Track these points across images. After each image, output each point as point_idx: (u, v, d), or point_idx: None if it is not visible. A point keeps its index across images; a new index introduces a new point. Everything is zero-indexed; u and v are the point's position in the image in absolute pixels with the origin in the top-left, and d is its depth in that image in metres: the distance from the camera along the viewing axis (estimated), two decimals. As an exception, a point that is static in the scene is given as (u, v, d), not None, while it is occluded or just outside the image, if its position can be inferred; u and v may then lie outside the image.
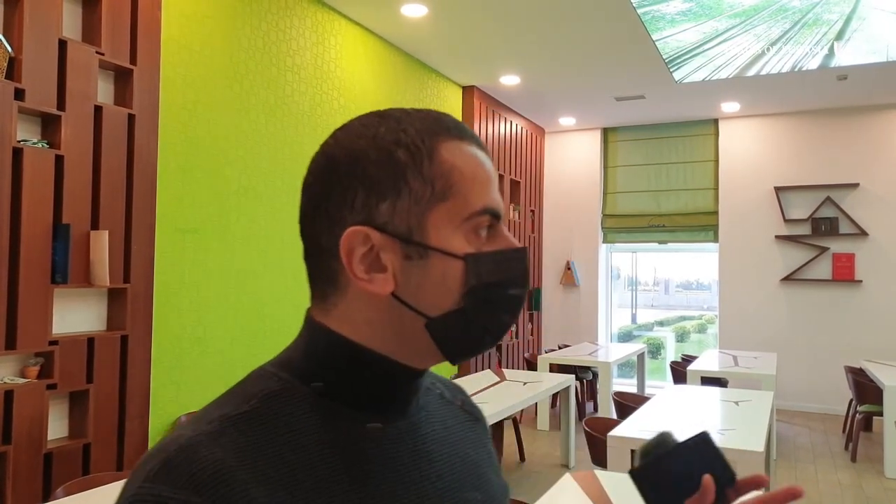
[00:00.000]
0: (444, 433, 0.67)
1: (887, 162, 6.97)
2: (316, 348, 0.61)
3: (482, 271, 0.59)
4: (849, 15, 4.74)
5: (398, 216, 0.58)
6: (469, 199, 0.60)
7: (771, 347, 7.27)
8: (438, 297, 0.58)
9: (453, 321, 0.59)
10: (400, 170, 0.59)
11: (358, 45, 5.04)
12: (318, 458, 0.56)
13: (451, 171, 0.60)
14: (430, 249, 0.58)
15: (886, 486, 4.59)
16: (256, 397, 0.57)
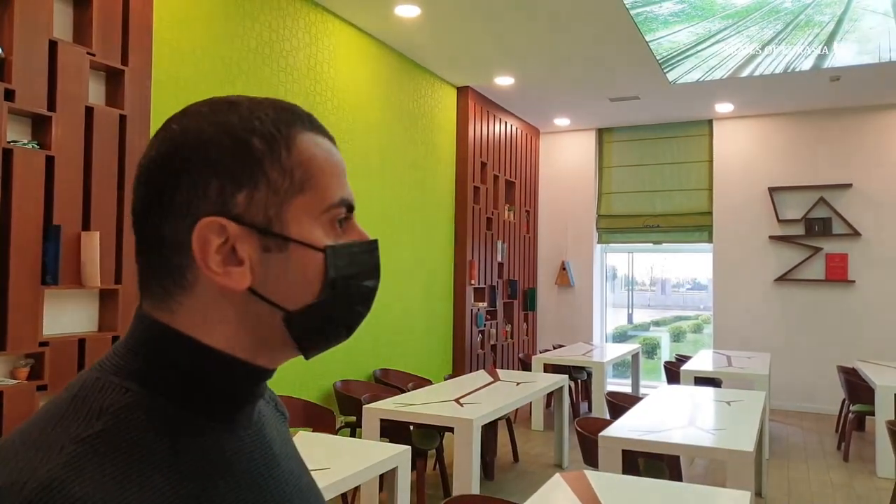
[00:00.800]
0: (276, 434, 0.66)
1: (880, 162, 7.00)
2: (164, 354, 0.56)
3: (341, 263, 0.58)
4: (840, 16, 4.76)
5: (255, 207, 0.56)
6: (327, 190, 0.59)
7: (765, 347, 7.29)
8: (298, 290, 0.57)
9: (312, 314, 0.58)
10: (257, 159, 0.56)
11: (352, 45, 5.04)
12: (183, 479, 0.52)
13: (310, 162, 0.58)
14: (291, 241, 0.56)
15: (878, 486, 4.61)
16: (108, 413, 0.51)
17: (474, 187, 6.73)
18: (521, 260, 7.90)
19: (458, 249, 6.56)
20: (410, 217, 5.83)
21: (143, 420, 0.52)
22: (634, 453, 3.24)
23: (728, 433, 3.31)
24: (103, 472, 0.48)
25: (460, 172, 6.60)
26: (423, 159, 6.04)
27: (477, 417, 3.52)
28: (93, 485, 0.46)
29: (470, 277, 6.58)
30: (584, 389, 6.96)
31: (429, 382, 4.87)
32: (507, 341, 7.44)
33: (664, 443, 3.10)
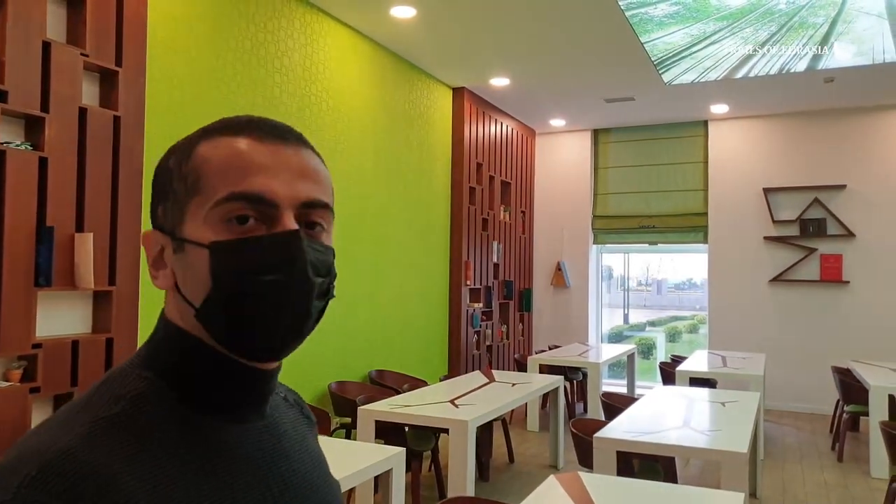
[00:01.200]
0: (294, 432, 0.71)
1: (874, 163, 7.02)
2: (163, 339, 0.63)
3: (230, 259, 0.58)
4: (834, 18, 4.78)
5: (168, 216, 0.62)
6: (216, 187, 0.59)
7: (760, 348, 7.31)
8: (196, 286, 0.60)
9: (211, 310, 0.59)
10: (168, 176, 0.63)
11: (347, 46, 5.03)
12: (187, 460, 0.58)
13: (202, 164, 0.61)
14: (185, 242, 0.60)
15: (872, 486, 4.62)
16: (125, 399, 0.58)
17: (470, 188, 6.73)
18: (517, 260, 7.91)
19: (454, 250, 6.56)
20: (406, 218, 5.83)
21: (153, 406, 0.59)
22: (629, 454, 3.24)
23: (722, 434, 3.32)
24: (114, 446, 0.55)
25: (456, 173, 6.60)
26: (418, 160, 6.04)
27: (472, 419, 3.52)
28: (103, 455, 0.53)
29: (465, 278, 6.58)
30: (579, 390, 6.96)
31: (424, 383, 4.87)
32: (502, 342, 7.44)
33: (658, 444, 3.11)
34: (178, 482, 0.56)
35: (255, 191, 0.59)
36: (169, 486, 0.55)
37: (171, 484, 0.56)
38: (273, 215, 0.60)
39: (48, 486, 0.50)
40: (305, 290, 0.60)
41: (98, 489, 0.51)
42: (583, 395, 7.07)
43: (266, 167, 0.60)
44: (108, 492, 0.51)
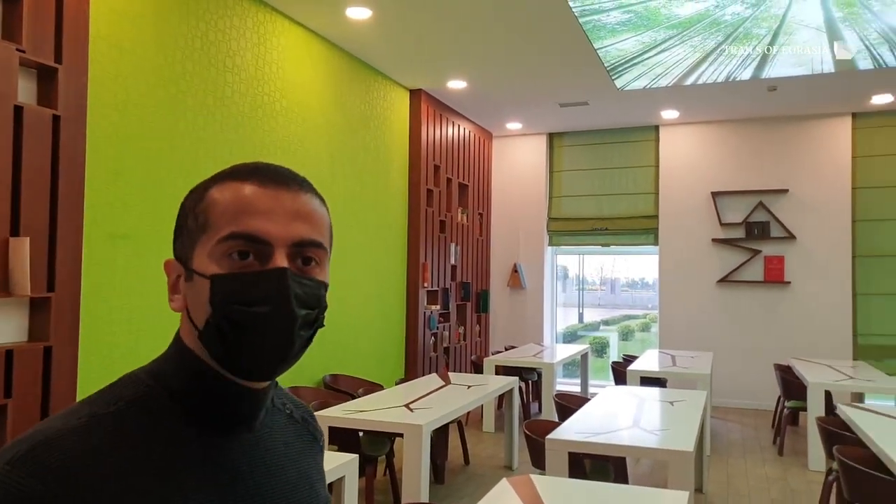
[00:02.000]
0: (285, 449, 0.77)
1: (814, 169, 7.30)
2: (172, 355, 0.73)
3: (226, 290, 0.67)
4: (776, 30, 4.95)
5: (181, 248, 0.73)
6: (219, 227, 0.69)
7: (708, 346, 7.51)
8: (199, 312, 0.69)
9: (210, 334, 0.68)
10: (184, 214, 0.73)
11: (301, 46, 4.98)
12: (165, 462, 0.65)
13: (211, 206, 0.70)
14: (193, 272, 0.70)
15: (809, 479, 4.81)
16: (124, 400, 0.67)
17: (427, 190, 6.74)
18: (474, 262, 7.95)
19: (411, 252, 6.56)
20: (362, 220, 5.80)
21: (146, 412, 0.67)
22: (581, 455, 3.29)
23: (670, 433, 3.40)
24: (100, 438, 0.63)
25: (413, 175, 6.60)
26: (375, 162, 6.01)
27: (426, 423, 3.52)
28: (86, 446, 0.61)
29: (423, 280, 6.58)
30: (534, 390, 7.04)
31: (380, 387, 4.85)
32: (459, 343, 7.47)
33: (608, 444, 3.17)
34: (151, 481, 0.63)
35: (252, 231, 0.68)
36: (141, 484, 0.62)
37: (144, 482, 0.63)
38: (267, 253, 0.68)
39: (28, 467, 0.59)
40: (289, 322, 0.67)
41: (71, 476, 0.59)
42: (538, 396, 7.15)
43: (265, 210, 0.69)
44: (79, 479, 0.59)
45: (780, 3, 4.52)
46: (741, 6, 4.57)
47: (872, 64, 5.63)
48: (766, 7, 4.58)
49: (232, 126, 4.29)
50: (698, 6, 4.59)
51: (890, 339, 7.04)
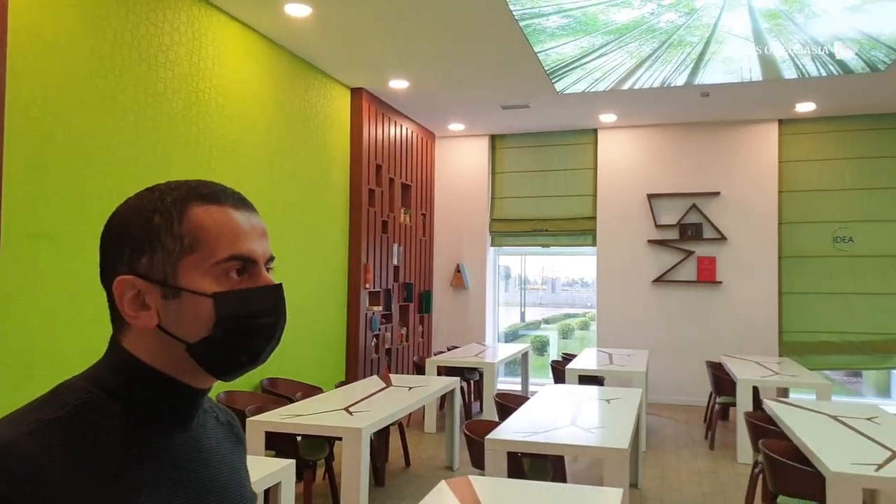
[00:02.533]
0: (217, 447, 0.84)
1: (743, 173, 7.61)
2: (118, 366, 0.75)
3: (231, 306, 0.74)
4: (708, 38, 5.13)
5: (155, 266, 0.74)
6: (215, 249, 0.75)
7: (644, 345, 7.72)
8: (193, 327, 0.74)
9: (209, 346, 0.74)
10: (155, 231, 0.75)
11: (238, 42, 4.86)
12: (114, 462, 0.69)
13: (198, 229, 0.75)
14: (183, 291, 0.74)
15: (738, 471, 5.01)
16: (70, 405, 0.70)
17: (369, 190, 6.69)
18: (417, 263, 7.94)
19: (353, 253, 6.50)
20: (302, 220, 5.71)
21: (95, 415, 0.70)
22: (520, 454, 3.33)
23: (606, 431, 3.48)
24: (52, 444, 0.66)
25: (354, 175, 6.54)
26: (315, 161, 5.92)
27: (366, 426, 3.50)
28: (40, 451, 0.65)
29: (365, 281, 6.53)
30: (476, 390, 7.08)
31: (319, 391, 4.79)
32: (402, 344, 7.45)
33: (546, 443, 3.22)
34: (103, 481, 0.67)
35: (247, 253, 0.76)
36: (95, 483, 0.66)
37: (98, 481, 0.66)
38: (255, 270, 0.77)
39: None
40: (283, 326, 0.79)
41: (27, 478, 0.62)
42: (480, 395, 7.20)
43: (248, 232, 0.77)
44: (38, 483, 0.63)
45: (712, 13, 4.69)
46: (675, 14, 4.72)
47: (797, 73, 5.90)
48: (698, 16, 4.74)
49: (165, 123, 4.16)
50: (635, 13, 4.71)
51: (812, 336, 7.40)
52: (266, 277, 0.78)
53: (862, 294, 7.26)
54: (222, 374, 0.77)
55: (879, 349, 7.21)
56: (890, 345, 7.19)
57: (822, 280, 7.37)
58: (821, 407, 4.18)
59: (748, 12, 4.66)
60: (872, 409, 4.09)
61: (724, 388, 6.01)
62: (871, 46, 5.22)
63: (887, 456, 2.99)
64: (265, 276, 0.78)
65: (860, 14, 4.63)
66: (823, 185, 7.41)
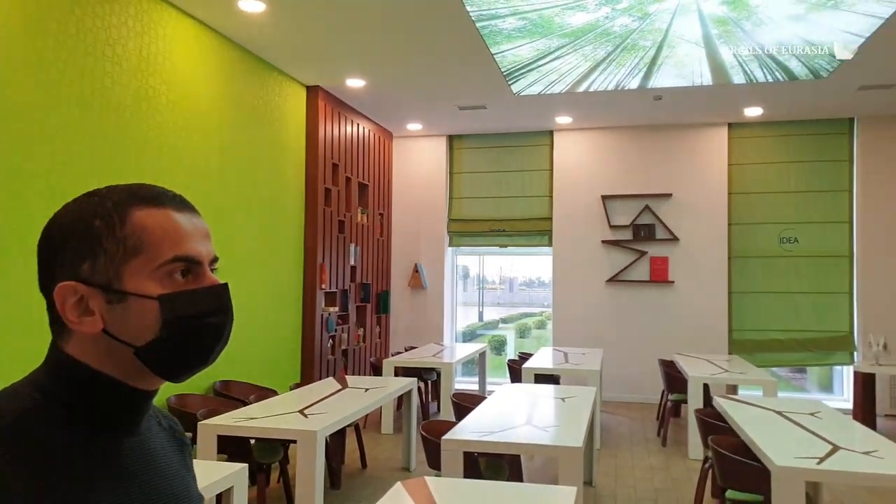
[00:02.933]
0: (163, 451, 0.84)
1: (695, 175, 7.80)
2: (61, 372, 0.74)
3: (177, 307, 0.74)
4: (660, 42, 5.24)
5: (98, 271, 0.73)
6: (159, 250, 0.74)
7: (598, 343, 7.83)
8: (140, 330, 0.73)
9: (158, 348, 0.74)
10: (96, 236, 0.74)
11: (190, 37, 4.74)
12: (64, 468, 0.68)
13: (141, 231, 0.75)
14: (128, 294, 0.73)
15: (689, 467, 5.13)
16: (13, 413, 0.69)
17: (325, 189, 6.61)
18: (375, 263, 7.89)
19: (309, 253, 6.42)
20: (255, 219, 5.61)
21: (39, 422, 0.70)
22: (476, 454, 3.34)
23: (560, 430, 3.52)
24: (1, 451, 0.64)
25: (310, 174, 6.46)
26: (269, 160, 5.83)
27: (321, 429, 3.46)
28: None
29: (321, 282, 6.46)
30: (434, 390, 7.08)
31: (274, 393, 4.71)
32: (358, 345, 7.39)
33: (502, 443, 3.23)
34: (55, 487, 0.66)
35: (191, 254, 0.76)
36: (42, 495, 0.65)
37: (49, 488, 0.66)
38: (199, 271, 0.77)
39: None
40: (231, 326, 0.79)
41: None
42: (437, 396, 7.20)
43: (191, 233, 0.77)
44: None
45: (664, 18, 4.79)
46: (629, 18, 4.80)
47: (745, 79, 6.08)
48: (650, 21, 4.83)
49: (112, 119, 4.03)
50: (589, 16, 4.78)
51: (760, 334, 7.63)
52: (211, 277, 0.78)
53: (806, 293, 7.52)
54: (172, 375, 0.77)
55: (822, 346, 7.49)
56: (832, 342, 7.47)
57: (769, 279, 7.61)
58: (767, 403, 4.31)
59: (698, 18, 4.78)
60: (815, 405, 4.24)
61: (675, 386, 6.15)
62: (815, 54, 5.41)
63: (828, 449, 3.10)
64: (210, 276, 0.78)
65: (803, 23, 4.79)
66: (770, 188, 7.65)
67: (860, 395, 6.31)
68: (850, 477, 2.85)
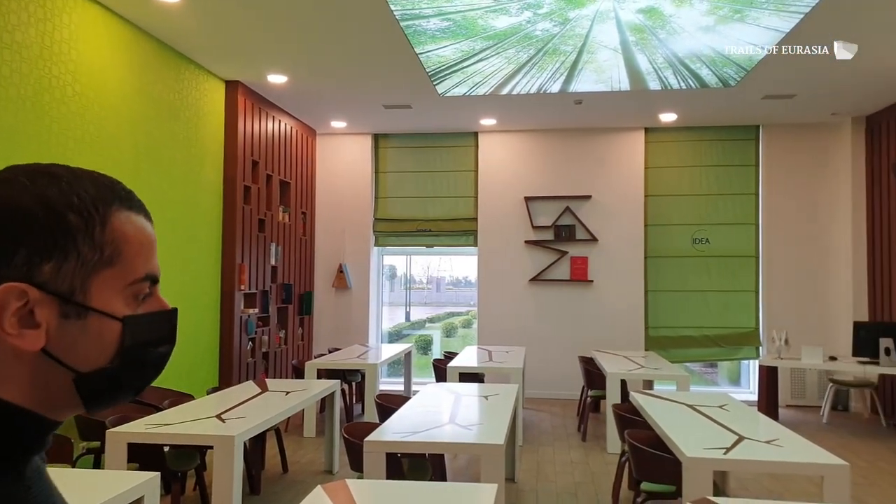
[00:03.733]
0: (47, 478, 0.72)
1: (612, 177, 8.06)
2: None
3: (137, 332, 0.64)
4: (580, 48, 5.38)
5: (62, 276, 0.60)
6: (134, 265, 0.64)
7: (521, 342, 7.97)
8: (93, 354, 0.62)
9: (103, 377, 0.62)
10: (70, 233, 0.60)
11: (99, 26, 4.50)
12: None
13: (121, 239, 0.63)
14: (91, 310, 0.61)
15: (607, 461, 5.29)
16: None
17: (245, 187, 6.43)
18: (297, 263, 7.73)
19: (227, 253, 6.22)
20: (170, 217, 5.38)
21: None
22: (399, 455, 3.32)
23: (483, 428, 3.55)
24: None
25: (229, 171, 6.26)
26: (186, 156, 5.61)
27: (239, 433, 3.35)
28: None
29: (240, 282, 6.27)
30: (358, 392, 7.01)
31: (190, 398, 4.54)
32: (280, 348, 7.22)
33: (424, 443, 3.23)
34: None
35: (157, 272, 0.67)
36: None
37: None
38: (155, 291, 0.67)
39: None
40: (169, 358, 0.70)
41: None
42: (362, 397, 7.13)
43: (155, 247, 0.68)
44: None
45: (583, 24, 4.92)
46: (550, 23, 4.90)
47: (660, 85, 6.32)
48: (571, 26, 4.95)
49: (11, 110, 3.77)
50: (512, 20, 4.85)
51: (674, 331, 7.97)
52: (163, 300, 0.68)
53: (716, 291, 7.91)
54: (100, 408, 0.65)
55: (731, 342, 7.89)
56: (739, 337, 7.89)
57: (683, 278, 7.95)
58: (680, 397, 4.49)
59: (616, 25, 4.93)
60: (724, 398, 4.46)
61: (595, 382, 6.33)
62: (724, 64, 5.69)
63: (734, 440, 3.26)
64: (161, 298, 0.68)
65: (713, 34, 5.03)
66: (684, 190, 8.00)
67: (764, 388, 6.70)
68: (754, 465, 3.01)
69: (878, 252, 7.10)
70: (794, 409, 7.47)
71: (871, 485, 4.77)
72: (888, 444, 5.95)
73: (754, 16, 4.69)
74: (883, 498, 4.48)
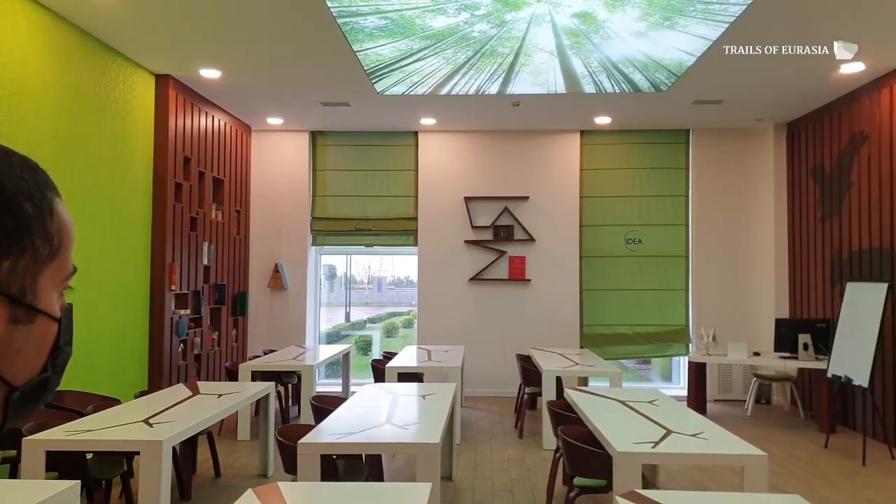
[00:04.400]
0: None
1: (549, 179, 8.20)
2: None
3: (65, 332, 0.57)
4: (517, 50, 5.45)
5: (16, 275, 0.51)
6: (66, 259, 0.56)
7: (461, 340, 8.02)
8: (30, 363, 0.54)
9: (33, 387, 0.55)
10: (27, 225, 0.51)
11: (16, 14, 4.27)
12: None
13: (63, 229, 0.56)
14: (38, 313, 0.53)
15: (543, 457, 5.37)
16: None
17: (176, 184, 6.22)
18: (231, 262, 7.54)
19: (156, 252, 6.00)
20: (96, 215, 5.16)
21: None
22: (334, 456, 3.28)
23: (419, 427, 3.55)
24: None
25: (159, 167, 6.04)
26: (112, 151, 5.38)
27: (167, 438, 3.24)
28: None
29: (170, 282, 6.06)
30: (295, 394, 6.89)
31: (116, 402, 4.36)
32: (213, 350, 7.03)
33: (358, 443, 3.21)
34: None
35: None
36: None
37: None
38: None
39: None
40: None
41: None
42: (298, 399, 7.01)
43: None
44: None
45: (520, 27, 4.98)
46: (487, 25, 4.94)
47: (595, 88, 6.47)
48: (508, 28, 5.01)
49: (-85, 98, 3.53)
50: (450, 20, 4.86)
51: (608, 329, 8.17)
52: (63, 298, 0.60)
53: (649, 290, 8.15)
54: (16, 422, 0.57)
55: (663, 339, 8.15)
56: (671, 335, 8.16)
57: (616, 277, 8.16)
58: (612, 393, 4.61)
59: (552, 29, 5.02)
60: (654, 393, 4.59)
61: (531, 379, 6.42)
62: (655, 69, 5.87)
63: (662, 434, 3.37)
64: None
65: (645, 40, 5.19)
66: (618, 192, 8.21)
67: (693, 383, 6.95)
68: (680, 458, 3.12)
69: (798, 252, 7.48)
70: (722, 403, 7.78)
71: (789, 474, 5.02)
72: (806, 434, 6.27)
73: (683, 23, 4.85)
74: (798, 485, 4.72)
